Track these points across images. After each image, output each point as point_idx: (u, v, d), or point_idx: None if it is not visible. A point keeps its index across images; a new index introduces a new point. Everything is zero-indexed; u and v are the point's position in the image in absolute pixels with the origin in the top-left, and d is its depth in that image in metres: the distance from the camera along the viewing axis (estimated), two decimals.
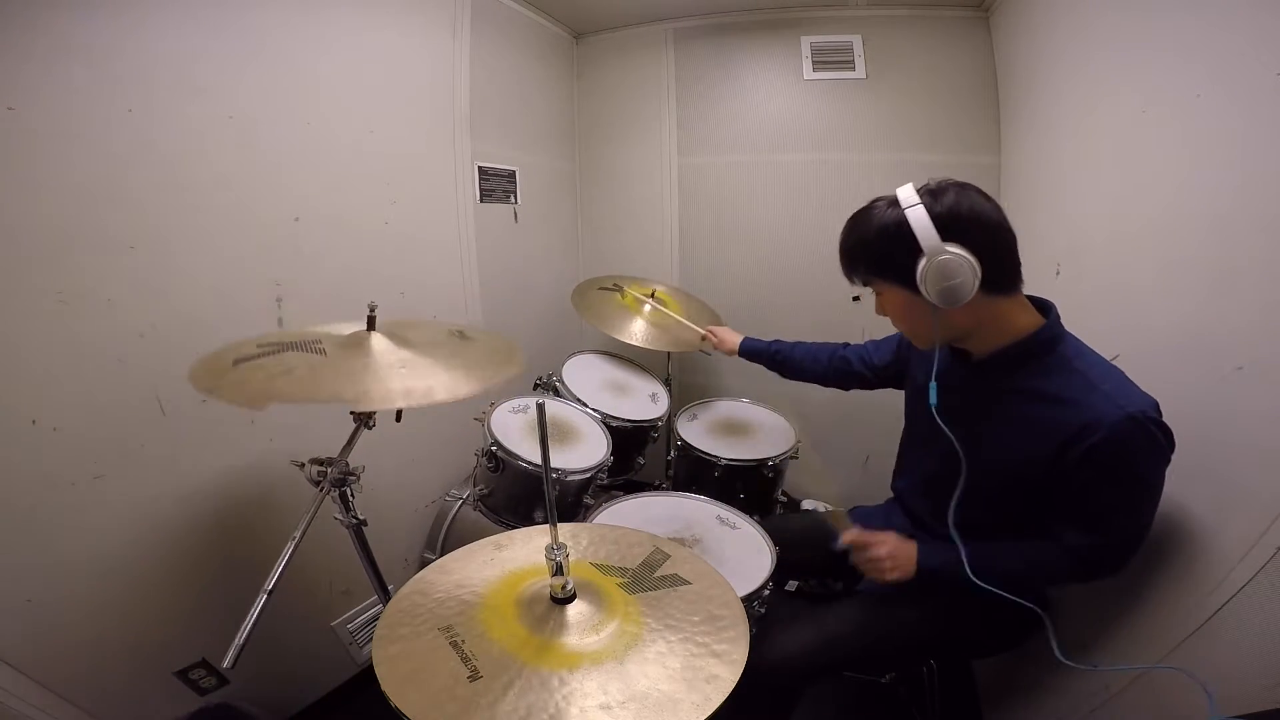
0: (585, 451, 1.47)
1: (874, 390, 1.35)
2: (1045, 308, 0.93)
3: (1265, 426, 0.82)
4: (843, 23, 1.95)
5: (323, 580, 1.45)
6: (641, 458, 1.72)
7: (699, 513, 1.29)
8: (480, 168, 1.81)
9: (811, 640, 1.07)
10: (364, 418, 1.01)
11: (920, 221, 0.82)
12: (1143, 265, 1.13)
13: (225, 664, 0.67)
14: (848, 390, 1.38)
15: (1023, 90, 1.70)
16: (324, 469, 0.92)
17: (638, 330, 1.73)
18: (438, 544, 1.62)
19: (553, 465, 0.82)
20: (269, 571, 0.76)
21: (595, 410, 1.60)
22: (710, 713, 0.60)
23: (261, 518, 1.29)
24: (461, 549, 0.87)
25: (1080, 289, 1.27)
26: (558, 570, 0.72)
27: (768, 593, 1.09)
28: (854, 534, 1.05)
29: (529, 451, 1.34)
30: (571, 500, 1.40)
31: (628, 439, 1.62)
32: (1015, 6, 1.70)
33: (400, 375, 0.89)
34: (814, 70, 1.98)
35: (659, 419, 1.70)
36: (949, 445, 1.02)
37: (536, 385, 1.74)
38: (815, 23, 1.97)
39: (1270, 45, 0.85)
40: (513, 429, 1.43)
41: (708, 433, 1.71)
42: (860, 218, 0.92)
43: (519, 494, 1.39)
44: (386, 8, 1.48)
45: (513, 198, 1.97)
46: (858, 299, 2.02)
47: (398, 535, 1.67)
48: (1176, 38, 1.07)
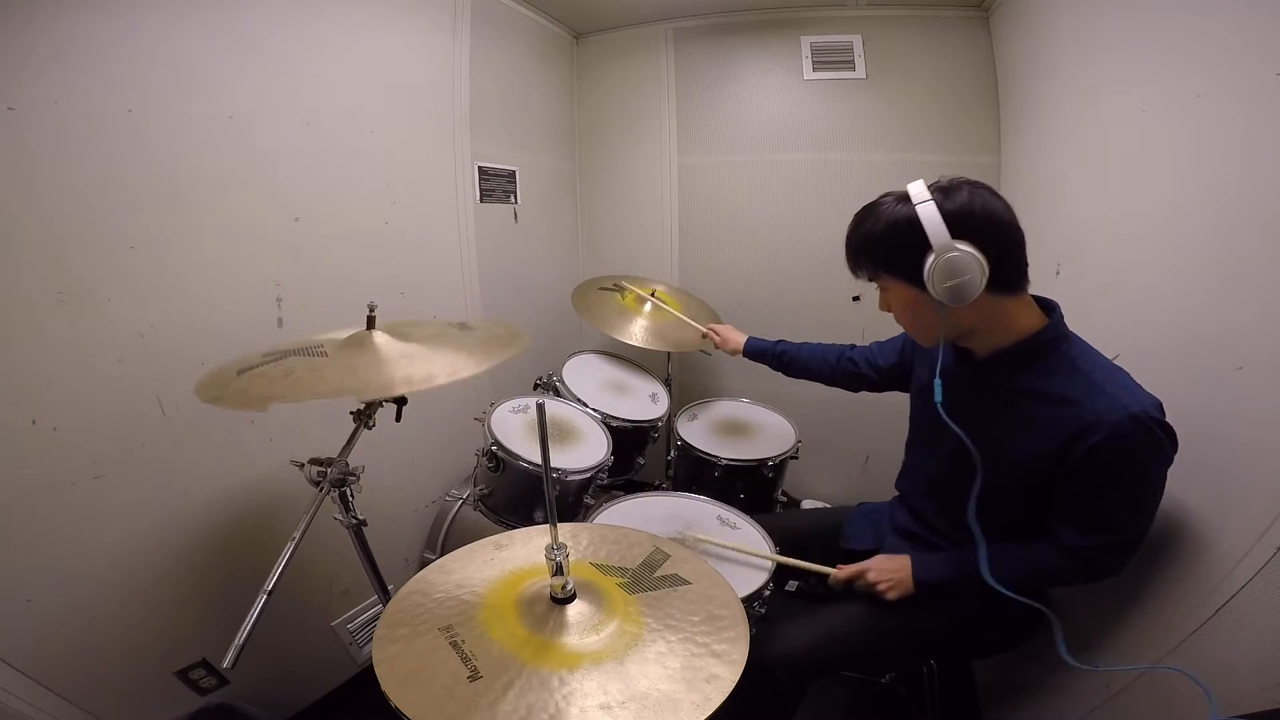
0: (585, 451, 1.47)
1: (879, 393, 1.34)
2: (1049, 308, 0.93)
3: (1265, 426, 0.82)
4: (843, 23, 1.95)
5: (323, 580, 1.45)
6: (641, 458, 1.72)
7: (699, 513, 1.29)
8: (480, 168, 1.81)
9: (812, 638, 1.07)
10: (364, 417, 1.01)
11: (931, 218, 0.82)
12: (1143, 265, 1.13)
13: (225, 664, 0.67)
14: (855, 392, 1.37)
15: (1023, 90, 1.70)
16: (324, 469, 0.92)
17: (638, 330, 1.73)
18: (438, 544, 1.62)
19: (553, 465, 0.82)
20: (269, 571, 0.76)
21: (595, 410, 1.60)
22: (710, 713, 0.60)
23: (261, 518, 1.29)
24: (461, 549, 0.87)
25: (1080, 289, 1.27)
26: (558, 570, 0.72)
27: (768, 593, 1.09)
28: (841, 573, 1.08)
29: (529, 451, 1.35)
30: (572, 500, 1.40)
31: (628, 439, 1.62)
32: (1015, 6, 1.70)
33: (400, 364, 0.89)
34: (814, 70, 1.99)
35: (659, 419, 1.70)
36: (953, 446, 1.02)
37: (536, 385, 1.74)
38: (815, 23, 1.97)
39: (1270, 45, 0.85)
40: (513, 429, 1.43)
41: (708, 433, 1.71)
42: (868, 213, 0.92)
43: (519, 494, 1.39)
44: (386, 8, 1.48)
45: (513, 198, 1.97)
46: (858, 299, 2.02)
47: (398, 535, 1.67)
48: (1176, 38, 1.07)
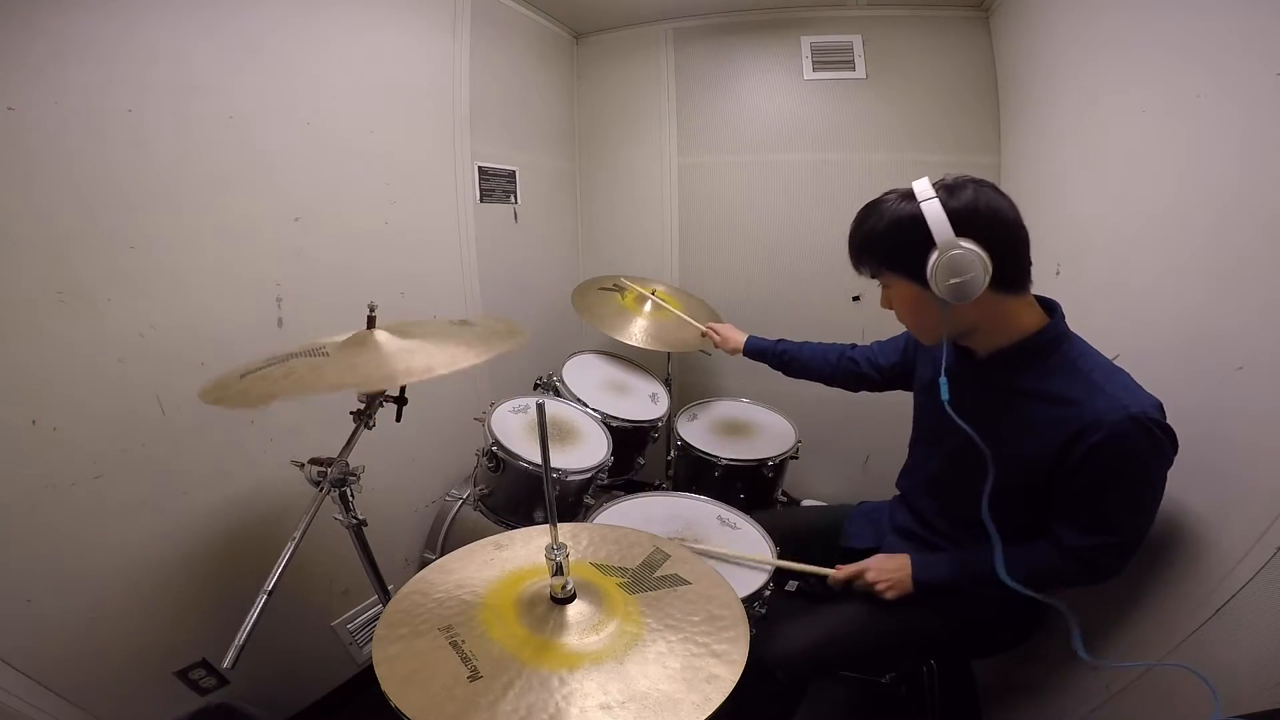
0: (585, 451, 1.47)
1: (881, 393, 1.34)
2: (1051, 307, 0.93)
3: (1266, 426, 0.82)
4: (843, 23, 1.95)
5: (323, 580, 1.45)
6: (641, 458, 1.72)
7: (699, 513, 1.29)
8: (480, 168, 1.81)
9: (812, 639, 1.07)
10: (364, 417, 1.01)
11: (935, 215, 0.82)
12: (1143, 265, 1.13)
13: (225, 664, 0.67)
14: (856, 392, 1.37)
15: (1023, 90, 1.70)
16: (324, 469, 0.92)
17: (638, 330, 1.73)
18: (438, 544, 1.62)
19: (553, 465, 0.82)
20: (269, 571, 0.76)
21: (595, 410, 1.60)
22: (710, 713, 0.60)
23: (261, 518, 1.28)
24: (461, 549, 0.87)
25: (1080, 289, 1.27)
26: (558, 570, 0.72)
27: (768, 593, 1.09)
28: (840, 573, 1.08)
29: (529, 451, 1.35)
30: (572, 500, 1.40)
31: (628, 439, 1.62)
32: (1015, 6, 1.70)
33: (400, 358, 0.90)
34: (814, 70, 1.98)
35: (659, 419, 1.70)
36: (956, 445, 1.02)
37: (536, 385, 1.74)
38: (815, 23, 1.97)
39: (1270, 45, 0.85)
40: (513, 429, 1.43)
41: (708, 433, 1.71)
42: (872, 210, 0.92)
43: (519, 494, 1.39)
44: (386, 8, 1.48)
45: (513, 198, 1.97)
46: (858, 298, 2.02)
47: (398, 535, 1.67)
48: (1176, 38, 1.07)
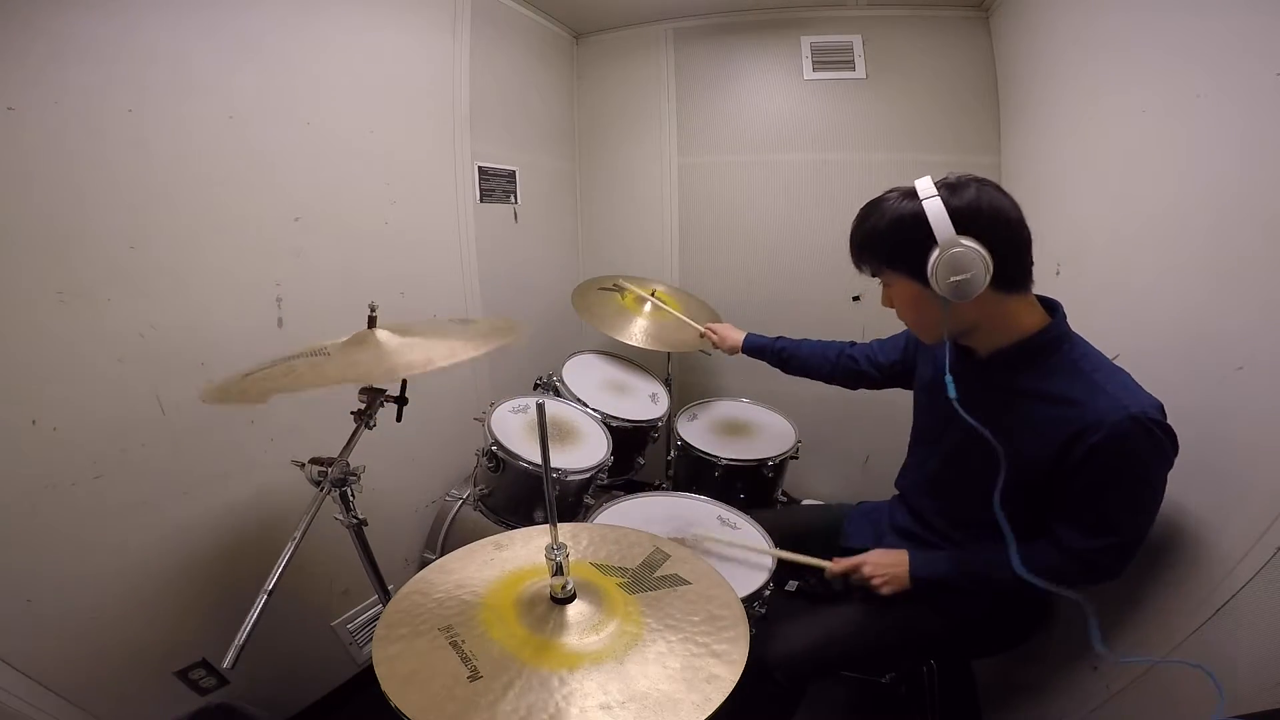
0: (585, 451, 1.47)
1: (880, 390, 1.34)
2: (1052, 307, 0.93)
3: (1266, 426, 0.82)
4: (843, 23, 1.95)
5: (323, 580, 1.45)
6: (641, 458, 1.72)
7: (699, 512, 1.29)
8: (480, 168, 1.81)
9: (810, 640, 1.07)
10: (364, 417, 1.01)
11: (937, 214, 0.82)
12: (1143, 265, 1.13)
13: (225, 664, 0.67)
14: (854, 390, 1.37)
15: (1023, 90, 1.70)
16: (324, 469, 0.92)
17: (638, 330, 1.73)
18: (438, 544, 1.62)
19: (553, 465, 0.82)
20: (269, 571, 0.76)
21: (595, 410, 1.60)
22: (710, 713, 0.60)
23: (261, 518, 1.28)
24: (461, 549, 0.87)
25: (1080, 289, 1.27)
26: (558, 570, 0.72)
27: (768, 593, 1.09)
28: (837, 566, 1.08)
29: (529, 451, 1.35)
30: (572, 500, 1.40)
31: (628, 439, 1.62)
32: (1015, 6, 1.70)
33: (400, 353, 0.90)
34: (814, 70, 1.98)
35: (659, 419, 1.70)
36: (954, 445, 1.02)
37: (536, 385, 1.74)
38: (815, 23, 1.97)
39: (1270, 45, 0.85)
40: (513, 429, 1.43)
41: (708, 432, 1.71)
42: (873, 208, 0.92)
43: (519, 494, 1.39)
44: (386, 8, 1.48)
45: (513, 198, 1.97)
46: (858, 298, 2.02)
47: (398, 535, 1.67)
48: (1176, 38, 1.07)
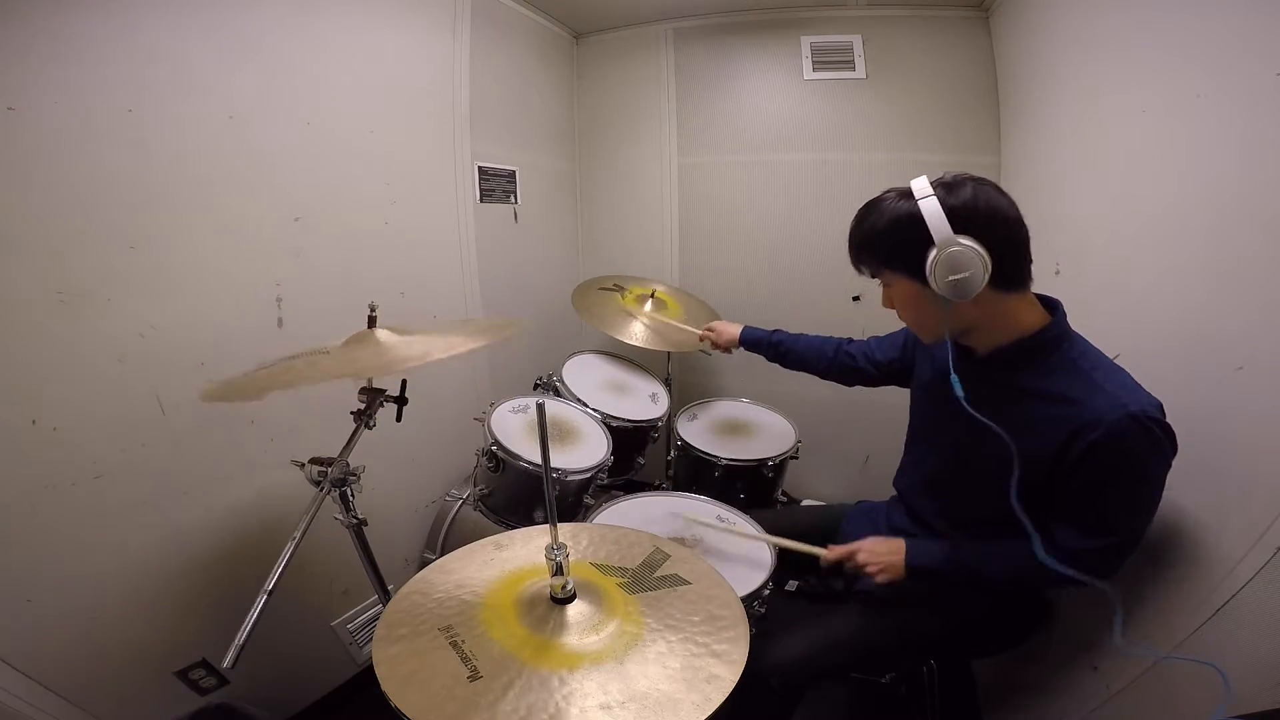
0: (585, 451, 1.47)
1: (876, 388, 1.34)
2: (1052, 306, 0.93)
3: (1266, 426, 0.82)
4: (843, 23, 1.95)
5: (323, 580, 1.45)
6: (641, 458, 1.72)
7: (699, 512, 1.29)
8: (480, 168, 1.81)
9: (809, 647, 1.07)
10: (364, 417, 1.01)
11: (933, 213, 0.82)
12: (1143, 265, 1.13)
13: (225, 664, 0.67)
14: (849, 386, 1.37)
15: (1023, 90, 1.70)
16: (324, 469, 0.92)
17: (637, 330, 1.73)
18: (438, 544, 1.62)
19: (553, 465, 0.82)
20: (269, 571, 0.76)
21: (595, 410, 1.60)
22: (710, 713, 0.60)
23: (261, 518, 1.28)
24: (461, 549, 0.87)
25: (1080, 288, 1.27)
26: (558, 570, 0.72)
27: (768, 592, 1.09)
28: (831, 553, 1.06)
29: (529, 451, 1.35)
30: (571, 500, 1.40)
31: (628, 439, 1.62)
32: (1015, 6, 1.70)
33: (398, 349, 0.91)
34: (814, 70, 1.99)
35: (659, 419, 1.70)
36: (953, 444, 1.02)
37: (536, 385, 1.74)
38: (815, 23, 1.97)
39: (1270, 45, 0.85)
40: (513, 429, 1.43)
41: (708, 432, 1.71)
42: (871, 208, 0.92)
43: (519, 494, 1.39)
44: (386, 8, 1.48)
45: (513, 198, 1.97)
46: (858, 298, 2.02)
47: (398, 535, 1.67)
48: (1176, 38, 1.07)
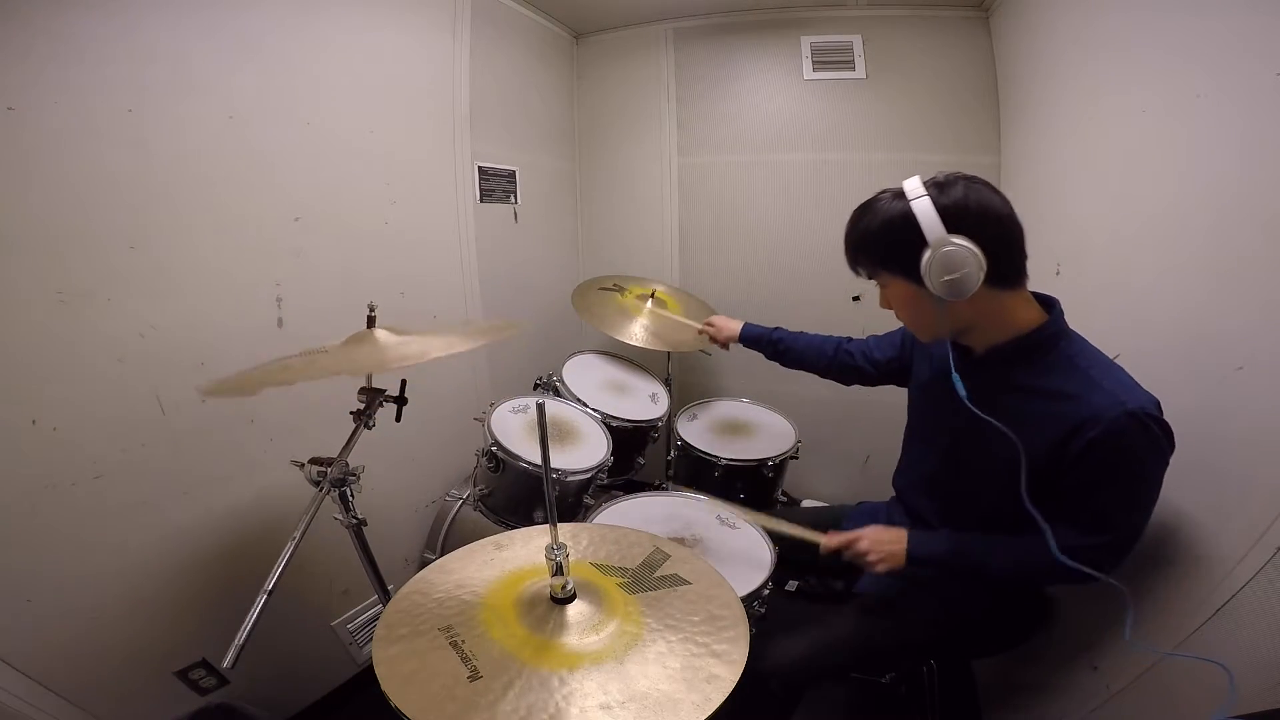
0: (585, 451, 1.47)
1: (874, 387, 1.34)
2: (1049, 304, 0.93)
3: (1265, 426, 0.82)
4: (843, 23, 1.95)
5: (323, 580, 1.45)
6: (641, 458, 1.71)
7: (699, 512, 1.29)
8: (480, 168, 1.81)
9: (809, 648, 1.07)
10: (364, 417, 1.01)
11: (926, 213, 0.82)
12: (1143, 265, 1.13)
13: (225, 664, 0.67)
14: (848, 385, 1.37)
15: (1023, 90, 1.70)
16: (324, 469, 0.92)
17: (638, 330, 1.73)
18: (438, 544, 1.62)
19: (553, 465, 0.82)
20: (269, 571, 0.76)
21: (595, 410, 1.60)
22: (710, 713, 0.60)
23: (261, 518, 1.28)
24: (461, 549, 0.87)
25: (1080, 288, 1.27)
26: (558, 570, 0.72)
27: (768, 592, 1.09)
28: (831, 539, 1.05)
29: (529, 451, 1.34)
30: (571, 500, 1.40)
31: (628, 439, 1.62)
32: (1015, 6, 1.70)
33: (396, 349, 0.91)
34: (814, 70, 1.99)
35: (659, 419, 1.70)
36: (951, 443, 1.02)
37: (536, 385, 1.74)
38: (815, 23, 1.97)
39: (1270, 45, 0.85)
40: (513, 429, 1.43)
41: (708, 432, 1.71)
42: (865, 210, 0.92)
43: (519, 494, 1.39)
44: (386, 8, 1.48)
45: (513, 198, 1.97)
46: (858, 298, 2.02)
47: (398, 535, 1.67)
48: (1176, 38, 1.07)
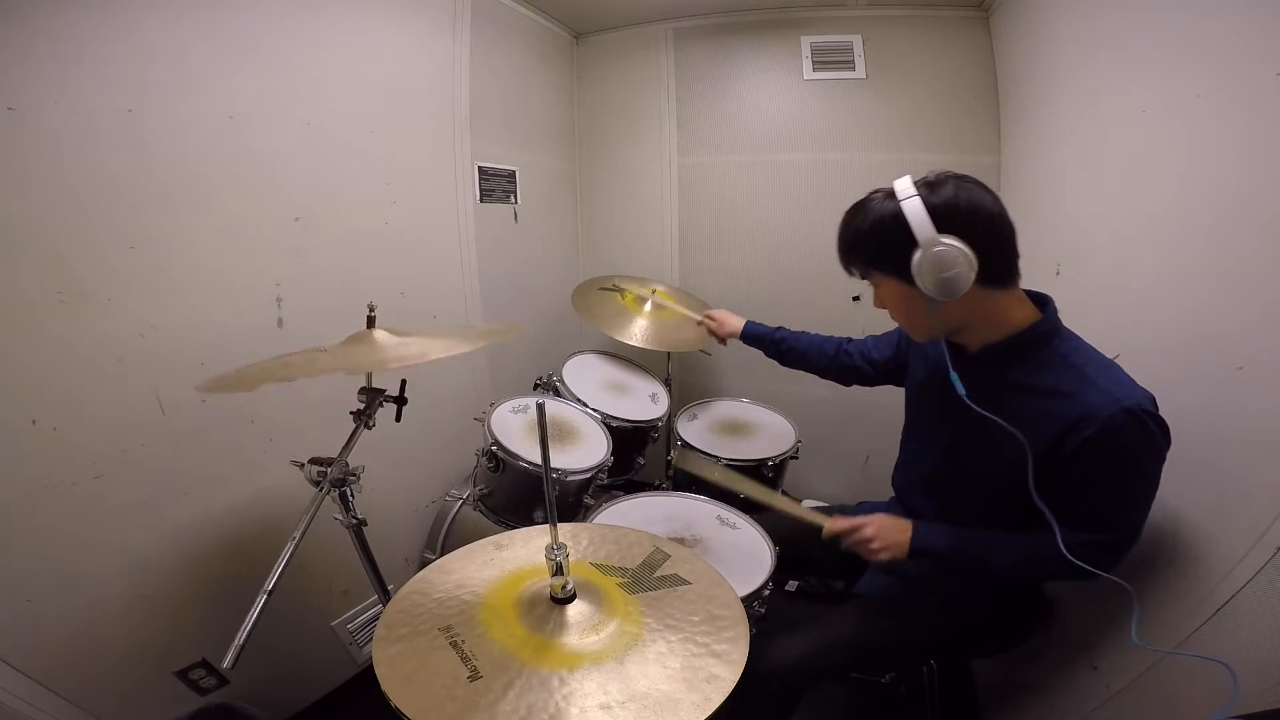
0: (585, 451, 1.47)
1: (873, 387, 1.34)
2: (1043, 302, 0.93)
3: (1265, 426, 0.82)
4: (843, 23, 1.95)
5: (323, 580, 1.45)
6: (641, 458, 1.72)
7: (698, 512, 1.29)
8: (480, 168, 1.81)
9: (809, 648, 1.06)
10: (364, 417, 1.01)
11: (916, 213, 0.82)
12: (1143, 265, 1.13)
13: (225, 664, 0.67)
14: (847, 386, 1.37)
15: (1023, 90, 1.70)
16: (324, 469, 0.92)
17: (638, 330, 1.73)
18: (438, 544, 1.62)
19: (553, 465, 0.82)
20: (269, 571, 0.76)
21: (595, 410, 1.60)
22: (710, 713, 0.60)
23: (261, 518, 1.28)
24: (461, 549, 0.87)
25: (1080, 288, 1.27)
26: (558, 570, 0.72)
27: (768, 592, 1.09)
28: (835, 523, 1.03)
29: (529, 451, 1.34)
30: (572, 500, 1.40)
31: (628, 439, 1.62)
32: (1015, 6, 1.70)
33: (395, 349, 0.91)
34: (814, 70, 1.99)
35: (659, 419, 1.70)
36: (949, 442, 1.02)
37: (536, 385, 1.74)
38: (815, 23, 1.97)
39: (1270, 45, 0.85)
40: (513, 429, 1.43)
41: (708, 432, 1.71)
42: (857, 210, 0.92)
43: (519, 494, 1.39)
44: (386, 8, 1.48)
45: (513, 198, 1.97)
46: (858, 299, 2.02)
47: (398, 535, 1.67)
48: (1176, 38, 1.07)
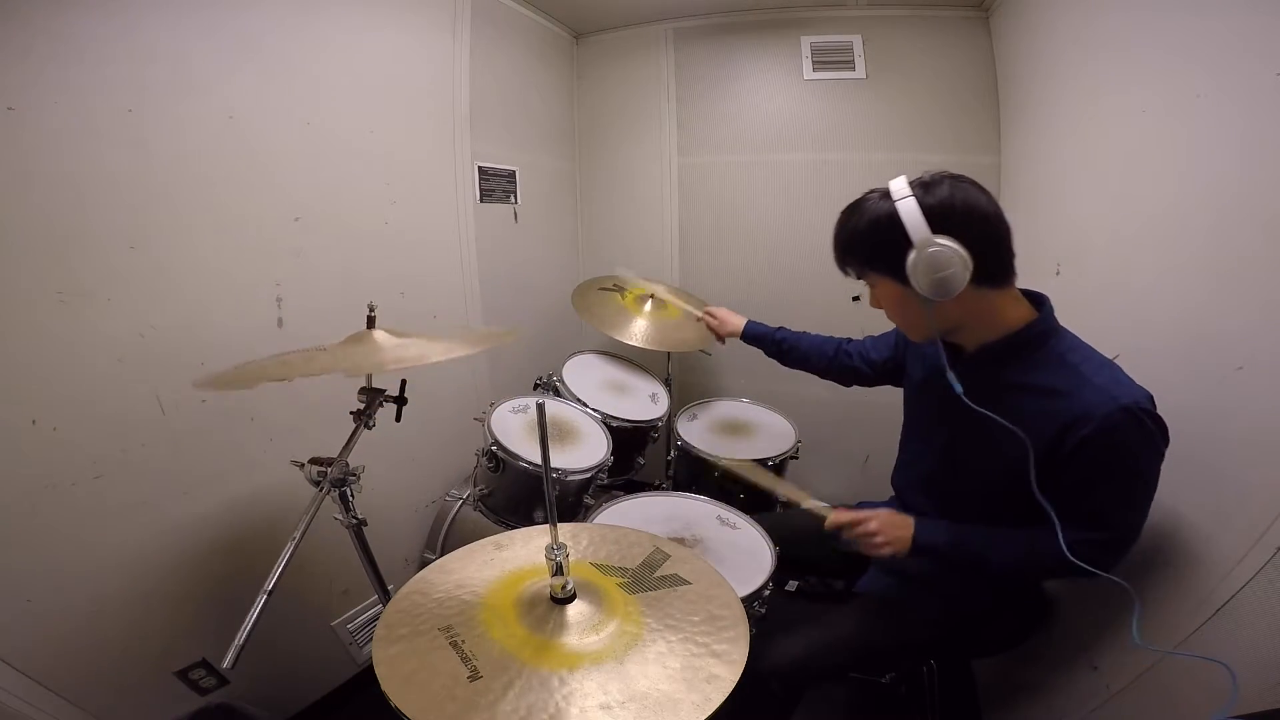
0: (585, 451, 1.47)
1: (872, 387, 1.34)
2: (1039, 301, 0.93)
3: (1265, 426, 0.82)
4: (843, 23, 1.95)
5: (323, 580, 1.45)
6: (641, 458, 1.72)
7: (698, 512, 1.29)
8: (480, 168, 1.81)
9: (809, 648, 1.06)
10: (364, 417, 1.01)
11: (910, 214, 0.82)
12: (1143, 265, 1.13)
13: (225, 664, 0.67)
14: (847, 386, 1.38)
15: (1023, 90, 1.70)
16: (324, 469, 0.92)
17: (638, 330, 1.73)
18: (438, 544, 1.62)
19: (553, 465, 0.82)
20: (269, 571, 0.76)
21: (595, 410, 1.60)
22: (710, 713, 0.60)
23: (261, 518, 1.28)
24: (461, 549, 0.87)
25: (1080, 288, 1.27)
26: (558, 570, 0.72)
27: (768, 592, 1.09)
28: (841, 514, 1.03)
29: (529, 451, 1.35)
30: (572, 500, 1.40)
31: (628, 439, 1.62)
32: (1015, 6, 1.70)
33: (394, 350, 0.91)
34: (814, 70, 1.99)
35: (659, 419, 1.70)
36: (947, 442, 1.02)
37: (536, 385, 1.74)
38: (815, 23, 1.97)
39: (1270, 45, 0.85)
40: (513, 429, 1.43)
41: (708, 433, 1.71)
42: (852, 210, 0.92)
43: (519, 494, 1.39)
44: (386, 8, 1.48)
45: (513, 198, 1.97)
46: (858, 299, 2.02)
47: (398, 535, 1.67)
48: (1176, 38, 1.07)
